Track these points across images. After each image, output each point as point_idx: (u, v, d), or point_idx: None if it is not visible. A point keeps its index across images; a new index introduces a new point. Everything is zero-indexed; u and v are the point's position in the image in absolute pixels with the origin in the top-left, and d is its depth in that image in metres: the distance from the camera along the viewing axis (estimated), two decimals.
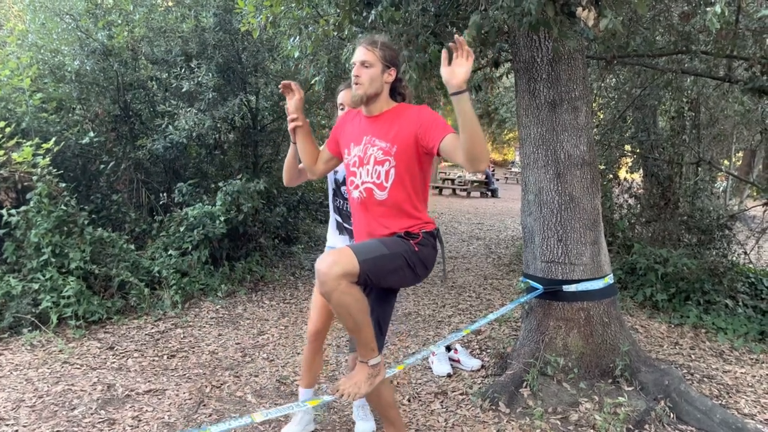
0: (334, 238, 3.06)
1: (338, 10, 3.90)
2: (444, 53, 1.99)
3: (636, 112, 7.66)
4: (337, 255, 2.01)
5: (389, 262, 2.14)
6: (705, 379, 3.99)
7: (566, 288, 3.66)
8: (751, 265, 6.51)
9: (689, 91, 6.96)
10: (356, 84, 2.29)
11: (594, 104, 7.99)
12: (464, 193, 21.58)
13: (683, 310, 5.52)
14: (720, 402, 3.62)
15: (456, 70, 1.96)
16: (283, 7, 3.78)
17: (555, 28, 2.98)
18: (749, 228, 6.78)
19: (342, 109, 2.85)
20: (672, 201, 6.79)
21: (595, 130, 7.98)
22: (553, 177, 3.65)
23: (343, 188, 2.92)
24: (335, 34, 3.98)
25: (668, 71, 5.84)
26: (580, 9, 2.82)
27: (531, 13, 2.79)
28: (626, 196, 7.61)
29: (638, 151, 7.71)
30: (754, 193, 7.91)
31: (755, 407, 3.59)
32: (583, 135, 3.62)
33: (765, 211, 6.28)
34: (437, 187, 22.67)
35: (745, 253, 6.74)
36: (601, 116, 8.07)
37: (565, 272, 3.68)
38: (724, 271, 5.83)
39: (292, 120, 2.50)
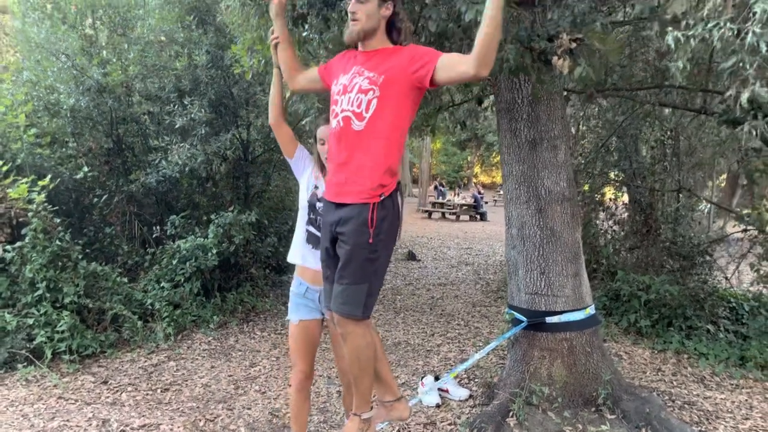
0: (303, 252, 2.85)
1: (327, 53, 4.05)
2: None
3: (618, 140, 7.88)
4: (352, 327, 2.21)
5: (373, 283, 2.22)
6: (686, 405, 4.12)
7: (549, 319, 3.79)
8: (732, 290, 6.67)
9: (668, 122, 7.19)
10: (353, 21, 2.26)
11: (577, 132, 8.22)
12: (453, 217, 21.76)
13: (666, 336, 5.65)
14: (700, 429, 3.74)
15: None
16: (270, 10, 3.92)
17: (533, 74, 3.16)
18: (729, 254, 6.95)
19: (322, 143, 2.79)
20: (654, 228, 6.97)
21: (579, 158, 8.20)
22: (535, 212, 3.81)
23: (317, 204, 2.80)
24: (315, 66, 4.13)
25: (646, 103, 6.05)
26: (555, 57, 2.98)
27: (509, 60, 2.96)
28: (611, 222, 7.80)
29: (621, 178, 7.91)
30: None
31: None
32: (563, 172, 3.79)
33: (743, 238, 6.45)
34: (427, 211, 22.87)
35: (726, 278, 6.92)
36: (585, 145, 8.28)
37: (548, 304, 3.82)
38: (704, 297, 5.98)
39: (274, 39, 2.60)
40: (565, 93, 5.85)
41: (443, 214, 22.33)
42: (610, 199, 8.03)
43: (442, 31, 3.08)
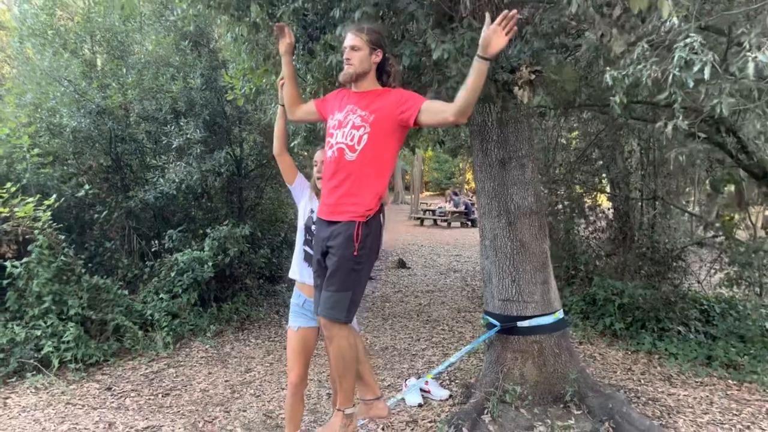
0: (300, 270, 3.19)
1: (313, 80, 4.40)
2: (488, 15, 2.29)
3: (598, 151, 8.23)
4: (336, 330, 2.54)
5: (356, 292, 2.56)
6: (650, 401, 4.45)
7: (521, 324, 4.12)
8: (703, 293, 7.02)
9: (642, 133, 7.55)
10: (347, 65, 2.61)
11: (557, 143, 8.56)
12: (445, 224, 22.09)
13: (639, 337, 5.99)
14: (661, 422, 4.07)
15: (494, 41, 2.26)
16: (264, 80, 4.28)
17: (498, 102, 3.51)
18: (701, 259, 7.31)
19: (315, 165, 3.19)
20: (629, 235, 7.32)
21: (560, 168, 8.55)
22: (506, 225, 4.14)
23: (312, 227, 3.11)
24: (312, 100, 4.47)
25: (618, 116, 6.41)
26: (516, 88, 3.33)
27: None
28: (590, 229, 8.15)
29: (598, 187, 8.27)
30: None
31: (692, 426, 4.03)
32: (530, 188, 4.13)
33: (715, 243, 6.80)
34: (418, 218, 23.19)
35: (698, 282, 7.28)
36: (564, 155, 8.63)
37: (519, 309, 4.15)
38: (675, 300, 6.32)
39: (281, 80, 2.98)
40: (540, 110, 6.22)
41: (435, 221, 22.67)
42: (589, 208, 8.38)
43: (415, 65, 3.42)
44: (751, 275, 5.75)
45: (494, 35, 2.26)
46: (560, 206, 8.17)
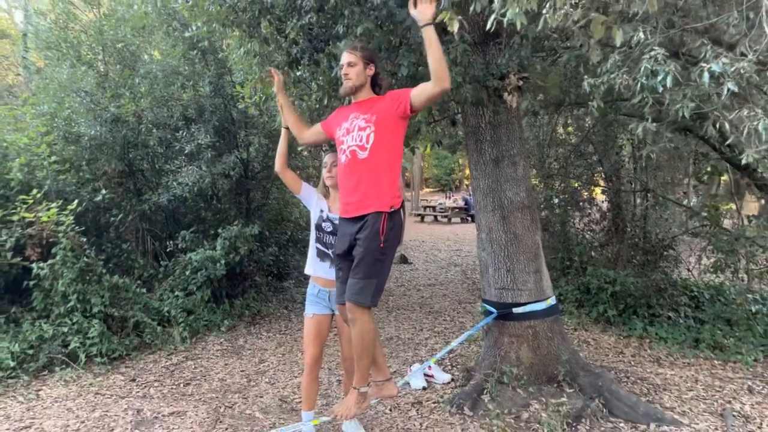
0: (315, 266, 3.62)
1: (318, 88, 4.71)
2: (411, 2, 2.74)
3: (591, 146, 8.54)
4: (360, 314, 2.84)
5: (380, 279, 2.88)
6: (638, 380, 4.77)
7: (516, 310, 4.44)
8: (693, 280, 7.34)
9: (632, 128, 7.85)
10: (346, 79, 2.99)
11: (551, 138, 8.87)
12: (445, 220, 22.43)
13: (631, 323, 6.31)
14: (647, 399, 4.39)
15: (422, 8, 2.68)
16: (274, 88, 4.59)
17: (490, 106, 3.83)
18: (690, 248, 7.62)
19: (325, 166, 3.61)
20: (621, 227, 7.64)
21: (555, 162, 8.87)
22: (500, 219, 4.47)
23: (324, 224, 3.60)
24: (317, 107, 4.79)
25: (608, 113, 6.72)
26: (506, 93, 3.65)
27: (467, 99, 3.63)
28: (585, 221, 8.47)
29: (593, 181, 8.59)
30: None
31: (676, 402, 4.36)
32: (522, 184, 4.45)
33: (702, 233, 7.11)
34: (419, 215, 23.53)
35: (688, 270, 7.59)
36: (560, 150, 8.94)
37: (514, 297, 4.47)
38: (665, 287, 6.64)
39: (280, 105, 3.44)
40: (533, 109, 6.52)
41: (436, 217, 23.00)
42: (584, 201, 8.70)
43: (413, 74, 3.74)
44: (734, 262, 6.05)
45: (419, 9, 2.69)
46: (556, 200, 8.50)
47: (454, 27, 2.54)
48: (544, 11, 2.22)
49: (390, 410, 4.31)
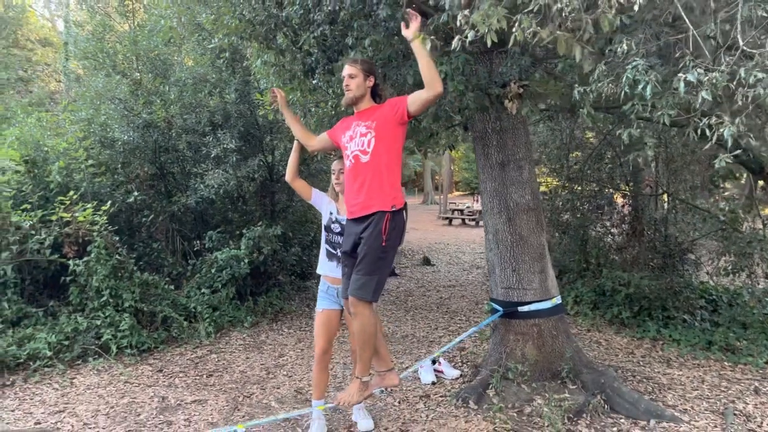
0: (324, 265, 3.92)
1: (335, 95, 4.97)
2: (403, 24, 3.03)
3: (611, 149, 8.59)
4: (361, 308, 3.04)
5: (381, 276, 3.09)
6: (644, 379, 4.87)
7: (521, 308, 4.60)
8: (710, 283, 7.34)
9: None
10: (347, 90, 3.21)
11: (570, 142, 8.93)
12: (473, 223, 22.47)
13: (645, 325, 6.37)
14: (651, 397, 4.49)
15: (406, 32, 2.98)
16: (290, 96, 4.86)
17: (493, 112, 4.02)
18: (708, 251, 7.62)
19: (333, 173, 3.90)
20: (638, 230, 7.69)
21: (574, 166, 8.93)
22: (506, 221, 4.64)
23: (333, 225, 3.88)
24: (333, 113, 5.04)
25: (623, 117, 6.79)
26: (507, 101, 3.84)
27: (469, 106, 3.82)
28: (607, 225, 8.51)
29: (613, 184, 8.63)
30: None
31: (679, 400, 4.45)
32: (527, 187, 4.61)
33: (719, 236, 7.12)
34: (447, 218, 23.64)
35: (707, 273, 7.59)
36: (578, 154, 9.00)
37: (519, 296, 4.63)
38: (681, 290, 6.68)
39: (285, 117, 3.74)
40: (547, 113, 6.66)
41: (463, 220, 23.07)
42: (604, 204, 8.74)
43: (419, 82, 3.94)
44: (748, 265, 6.07)
45: (405, 32, 3.02)
46: (577, 203, 8.56)
47: (427, 45, 2.86)
48: (513, 30, 2.40)
49: (399, 402, 4.51)
